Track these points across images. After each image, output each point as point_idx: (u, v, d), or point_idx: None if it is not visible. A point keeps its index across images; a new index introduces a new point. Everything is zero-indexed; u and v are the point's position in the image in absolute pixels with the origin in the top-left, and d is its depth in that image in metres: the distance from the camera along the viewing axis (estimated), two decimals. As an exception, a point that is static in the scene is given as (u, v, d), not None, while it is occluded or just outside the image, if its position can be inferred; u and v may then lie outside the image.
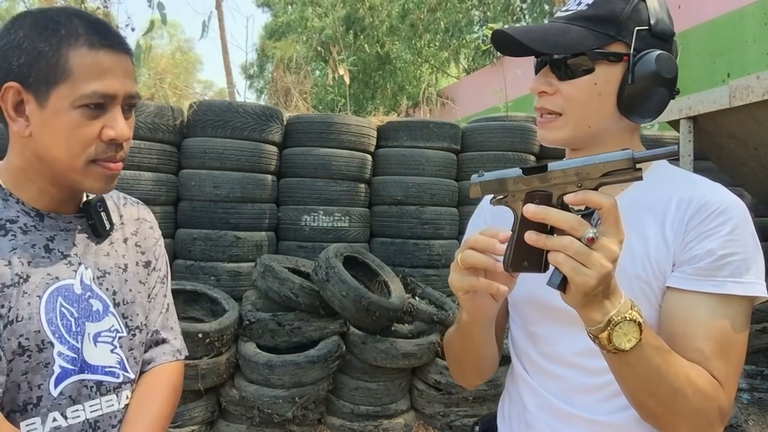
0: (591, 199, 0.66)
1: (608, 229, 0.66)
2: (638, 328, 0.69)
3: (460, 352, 0.97)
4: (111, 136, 0.84)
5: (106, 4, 5.47)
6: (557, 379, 0.90)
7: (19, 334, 0.82)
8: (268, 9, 16.39)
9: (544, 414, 0.91)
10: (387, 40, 13.13)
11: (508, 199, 0.73)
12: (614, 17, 0.83)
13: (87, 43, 0.82)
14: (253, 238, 3.64)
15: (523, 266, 0.72)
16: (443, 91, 11.86)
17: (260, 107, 3.88)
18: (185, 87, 8.93)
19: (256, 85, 17.47)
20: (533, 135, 4.19)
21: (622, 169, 0.67)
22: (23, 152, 0.87)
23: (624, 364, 0.72)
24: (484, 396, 3.22)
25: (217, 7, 7.07)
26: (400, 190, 3.92)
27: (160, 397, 0.99)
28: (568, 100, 0.86)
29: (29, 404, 0.84)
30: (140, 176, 3.43)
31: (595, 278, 0.64)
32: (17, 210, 0.88)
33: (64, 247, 0.90)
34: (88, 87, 0.81)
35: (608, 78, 0.84)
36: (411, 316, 3.33)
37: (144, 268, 1.03)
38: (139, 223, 1.06)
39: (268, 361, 2.96)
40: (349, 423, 3.16)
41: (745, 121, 2.84)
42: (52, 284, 0.87)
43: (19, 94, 0.82)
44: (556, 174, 0.69)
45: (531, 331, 0.94)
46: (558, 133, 0.89)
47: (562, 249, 0.65)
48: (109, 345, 0.93)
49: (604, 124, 0.87)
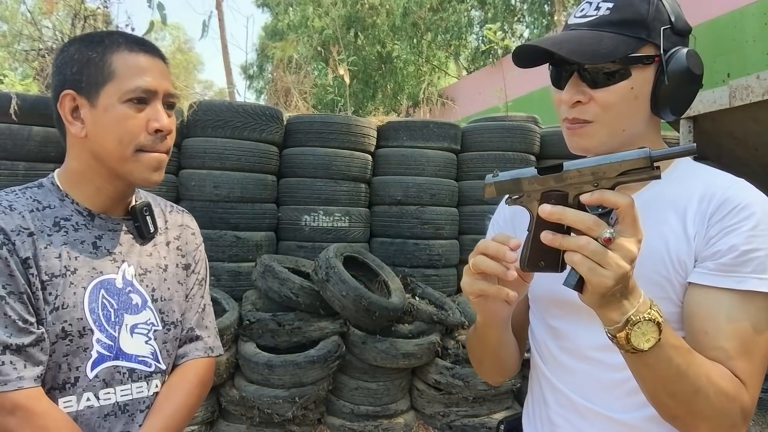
0: (607, 198, 0.65)
1: (626, 229, 0.65)
2: (657, 327, 0.68)
3: (480, 353, 0.98)
4: (156, 126, 0.95)
5: (105, 5, 5.47)
6: (575, 373, 0.89)
7: (63, 319, 0.92)
8: (268, 9, 16.38)
9: (565, 410, 0.91)
10: (388, 40, 13.13)
11: (524, 199, 0.73)
12: (642, 19, 0.82)
13: (127, 48, 0.96)
14: (253, 238, 3.64)
15: (540, 266, 0.72)
16: (443, 91, 11.86)
17: (260, 107, 3.88)
18: (185, 87, 8.93)
19: (256, 85, 17.46)
20: (533, 135, 4.19)
21: (639, 168, 0.65)
22: (81, 155, 0.98)
23: (643, 364, 0.71)
24: (484, 396, 3.22)
25: (217, 7, 7.07)
26: (400, 190, 3.92)
27: (188, 389, 1.07)
28: (605, 108, 0.84)
29: (67, 383, 0.94)
30: (140, 176, 3.43)
31: (612, 279, 0.64)
32: (71, 209, 0.98)
33: (110, 245, 1.01)
34: (132, 83, 0.94)
35: (643, 81, 0.83)
36: (411, 316, 3.33)
37: (183, 270, 1.12)
38: (182, 229, 1.15)
39: (268, 361, 2.96)
40: (349, 423, 3.16)
41: (745, 121, 2.84)
42: (96, 277, 0.97)
43: (74, 100, 0.95)
44: (572, 174, 0.68)
45: (550, 326, 0.94)
46: (591, 139, 0.87)
47: (579, 249, 0.65)
48: (144, 336, 1.02)
49: (638, 125, 0.86)
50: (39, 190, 0.99)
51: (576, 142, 0.89)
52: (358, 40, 12.99)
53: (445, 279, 3.94)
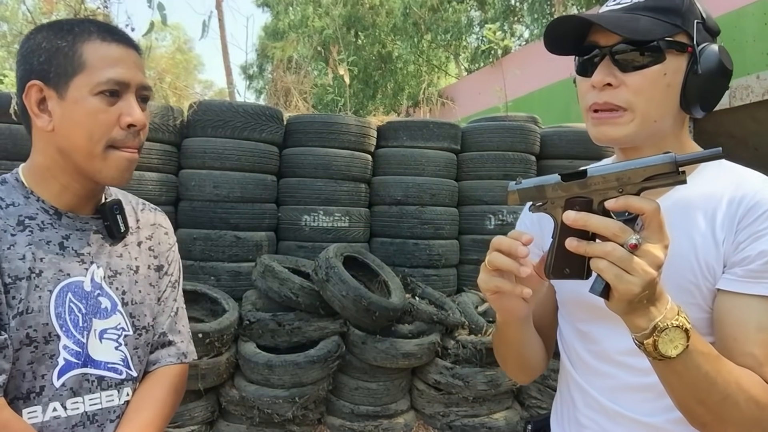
0: (633, 204, 0.64)
1: (652, 235, 0.64)
2: (685, 334, 0.67)
3: (503, 351, 0.98)
4: (128, 121, 0.90)
5: (106, 5, 5.47)
6: (604, 377, 0.89)
7: (27, 325, 0.87)
8: (268, 9, 16.37)
9: (593, 412, 0.91)
10: (388, 40, 13.13)
11: (548, 206, 0.72)
12: (677, 8, 0.81)
13: (99, 37, 0.90)
14: (253, 238, 3.64)
15: (565, 273, 0.72)
16: (443, 91, 11.85)
17: (260, 107, 3.88)
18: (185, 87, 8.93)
19: (256, 85, 17.46)
20: (533, 135, 4.18)
21: (664, 173, 0.64)
22: (47, 149, 0.92)
23: (670, 371, 0.71)
24: (484, 396, 3.22)
25: (217, 7, 7.06)
26: (400, 190, 3.92)
27: (160, 397, 1.01)
28: (636, 92, 0.81)
29: (32, 393, 0.88)
30: (140, 176, 3.43)
31: (638, 285, 0.63)
32: (37, 207, 0.92)
33: (78, 246, 0.95)
34: (103, 74, 0.88)
35: (676, 69, 0.81)
36: (411, 316, 3.33)
37: (155, 272, 1.07)
38: (155, 228, 1.10)
39: (268, 361, 2.96)
40: (349, 423, 3.16)
41: (745, 121, 2.84)
42: (63, 280, 0.91)
43: (41, 91, 0.89)
44: (596, 180, 0.68)
45: (579, 329, 0.93)
46: (623, 129, 0.83)
47: (605, 256, 0.64)
48: (114, 342, 0.97)
49: (667, 119, 0.84)
50: (2, 187, 0.93)
51: (603, 132, 0.85)
52: (359, 40, 12.99)
53: (445, 279, 3.94)
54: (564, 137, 4.24)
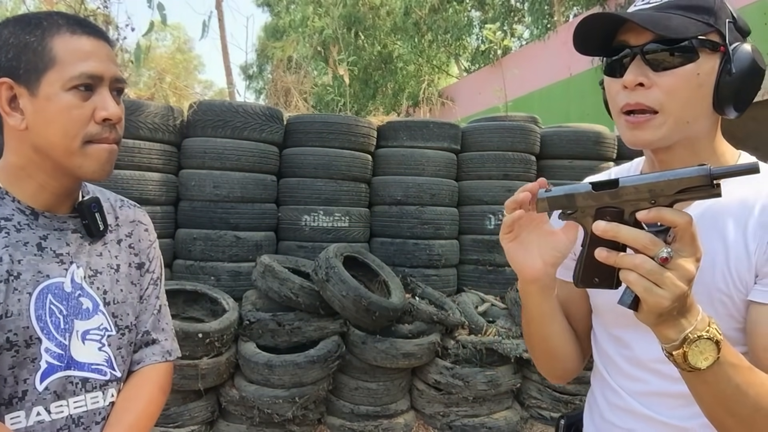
0: (665, 216, 0.63)
1: (684, 248, 0.63)
2: (716, 346, 0.66)
3: (531, 340, 0.97)
4: (103, 115, 0.88)
5: (105, 5, 5.46)
6: (636, 381, 0.89)
7: (7, 329, 0.84)
8: (269, 9, 16.37)
9: (623, 413, 0.91)
10: (388, 40, 13.12)
11: (578, 215, 0.72)
12: (709, 6, 0.80)
13: (69, 30, 0.87)
14: (253, 238, 3.64)
15: (594, 282, 0.71)
16: (443, 91, 11.86)
17: (260, 107, 3.88)
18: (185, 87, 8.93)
19: (256, 85, 17.47)
20: (533, 135, 4.18)
21: (698, 185, 0.63)
22: (20, 148, 0.89)
23: (701, 382, 0.70)
24: (485, 396, 3.22)
25: (217, 7, 7.06)
26: (400, 190, 3.92)
27: (146, 397, 1.00)
28: (668, 93, 0.79)
29: (14, 398, 0.86)
30: (140, 176, 3.43)
31: (668, 299, 0.63)
32: (12, 208, 0.90)
33: (56, 246, 0.92)
34: (76, 69, 0.85)
35: (709, 69, 0.79)
36: (411, 316, 3.33)
37: (137, 270, 1.05)
38: (135, 225, 1.08)
39: (268, 361, 2.96)
40: (349, 423, 3.16)
41: (745, 121, 2.84)
42: (42, 282, 0.89)
43: (11, 89, 0.86)
44: (628, 190, 0.67)
45: (613, 335, 0.93)
46: (656, 132, 0.81)
47: (634, 268, 0.64)
48: (97, 343, 0.95)
49: (701, 121, 0.82)
50: None
51: (637, 136, 0.83)
52: (359, 40, 12.99)
53: (445, 279, 3.94)
54: (564, 137, 4.24)
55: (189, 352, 2.79)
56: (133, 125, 3.40)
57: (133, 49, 5.35)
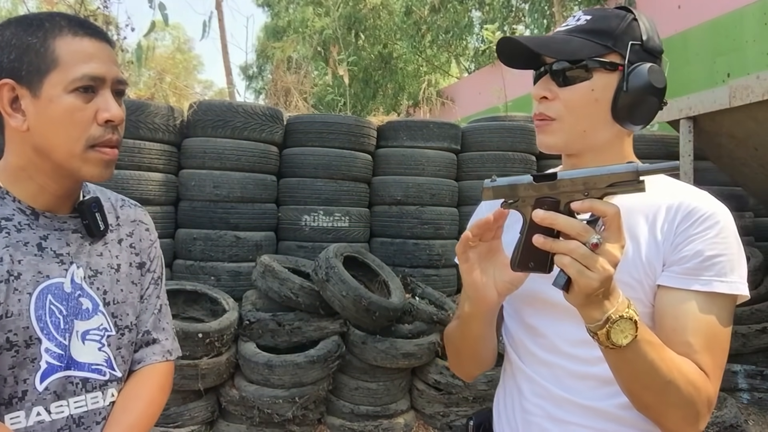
0: (597, 207, 0.71)
1: (611, 236, 0.71)
2: (634, 325, 0.74)
3: (460, 345, 1.02)
4: (106, 117, 0.88)
5: (106, 5, 5.46)
6: (552, 367, 0.95)
7: (7, 329, 0.85)
8: (269, 9, 16.36)
9: (539, 399, 0.96)
10: (388, 40, 13.13)
11: (519, 203, 0.78)
12: (611, 30, 0.90)
13: (71, 32, 0.87)
14: (253, 238, 3.64)
15: (530, 267, 0.78)
16: (443, 91, 11.86)
17: (260, 107, 3.88)
18: (185, 87, 8.93)
19: (255, 86, 17.45)
20: (533, 135, 4.16)
21: (626, 180, 0.71)
22: (22, 149, 0.89)
23: (621, 358, 0.77)
24: (484, 396, 3.22)
25: (217, 7, 7.07)
26: (400, 190, 3.92)
27: (146, 397, 1.00)
28: (566, 105, 0.91)
29: (14, 398, 0.86)
30: (140, 176, 3.43)
31: (597, 281, 0.69)
32: (13, 208, 0.90)
33: (56, 246, 0.92)
34: (78, 71, 0.86)
35: (605, 85, 0.89)
36: (411, 316, 3.33)
37: (137, 269, 1.05)
38: (135, 224, 1.08)
39: (268, 361, 2.96)
40: (349, 423, 3.16)
41: (745, 121, 2.84)
42: (42, 282, 0.89)
43: (13, 90, 0.86)
44: (565, 182, 0.74)
45: (527, 323, 0.99)
46: (553, 137, 0.94)
47: (569, 252, 0.70)
48: (96, 343, 0.95)
49: (597, 130, 0.92)
50: None
51: (541, 139, 0.96)
52: (359, 40, 13.00)
53: (445, 279, 3.94)
54: (564, 137, 4.24)
55: (189, 352, 2.80)
56: (133, 125, 3.40)
57: (134, 49, 5.35)
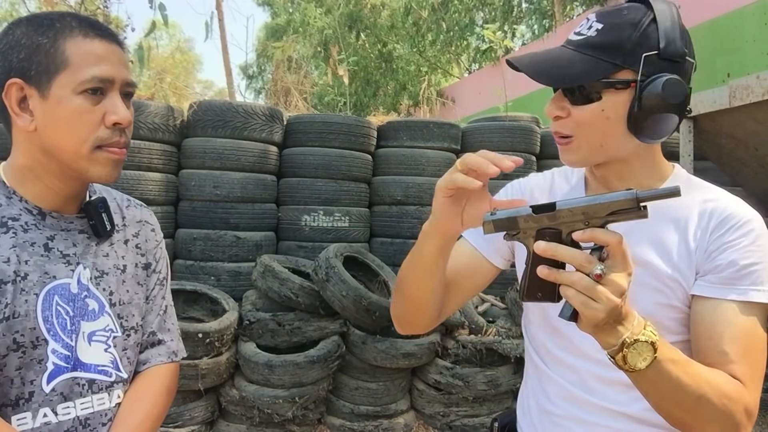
0: (598, 237, 0.69)
1: (616, 264, 0.69)
2: (652, 347, 0.72)
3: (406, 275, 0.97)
4: (114, 120, 0.87)
5: (106, 5, 5.46)
6: (576, 370, 0.94)
7: (14, 330, 0.84)
8: (269, 8, 16.36)
9: (564, 402, 0.95)
10: (389, 40, 13.12)
11: (520, 235, 0.77)
12: (621, 45, 0.84)
13: (81, 33, 0.87)
14: (253, 238, 3.64)
15: (537, 297, 0.77)
16: (443, 91, 11.86)
17: (260, 107, 3.88)
18: (185, 87, 8.94)
19: (255, 86, 17.45)
20: (534, 135, 4.19)
21: (626, 208, 0.69)
22: (29, 149, 0.89)
23: (643, 380, 0.76)
24: (484, 396, 3.22)
25: (217, 7, 7.06)
26: (400, 190, 3.92)
27: (152, 398, 1.00)
28: (579, 124, 0.89)
29: (21, 399, 0.85)
30: (140, 176, 3.43)
31: (603, 312, 0.68)
32: (20, 208, 0.89)
33: (63, 247, 0.92)
34: (87, 72, 0.85)
35: (616, 104, 0.86)
36: (411, 316, 3.32)
37: (143, 270, 1.05)
38: (141, 225, 1.07)
39: (268, 361, 2.96)
40: (349, 423, 3.16)
41: (745, 121, 2.84)
42: (49, 283, 0.89)
43: (22, 90, 0.85)
44: (564, 213, 0.73)
45: (552, 325, 0.97)
46: (575, 154, 0.91)
47: (572, 284, 0.69)
48: (103, 344, 0.95)
49: (615, 143, 0.89)
50: None
51: (564, 157, 0.94)
52: (359, 39, 12.99)
53: (445, 279, 3.94)
54: (564, 137, 4.24)
55: (189, 352, 2.79)
56: (133, 125, 3.39)
57: (135, 49, 5.35)
